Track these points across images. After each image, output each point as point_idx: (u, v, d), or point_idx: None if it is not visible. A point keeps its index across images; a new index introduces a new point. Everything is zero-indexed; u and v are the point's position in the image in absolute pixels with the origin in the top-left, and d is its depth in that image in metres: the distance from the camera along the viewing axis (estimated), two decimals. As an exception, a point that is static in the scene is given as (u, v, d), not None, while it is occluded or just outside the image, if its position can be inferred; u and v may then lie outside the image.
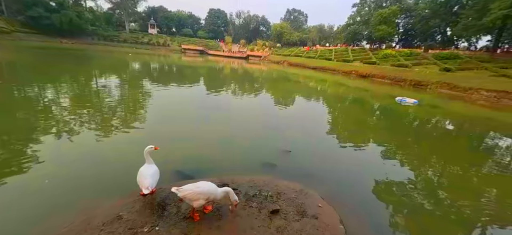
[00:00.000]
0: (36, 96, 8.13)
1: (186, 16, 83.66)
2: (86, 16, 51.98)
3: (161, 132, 5.97)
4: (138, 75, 16.61)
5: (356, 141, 6.87)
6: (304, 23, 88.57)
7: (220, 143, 5.60)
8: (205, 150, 5.03)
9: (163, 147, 4.01)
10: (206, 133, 6.14)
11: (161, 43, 63.10)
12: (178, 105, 9.08)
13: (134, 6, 66.65)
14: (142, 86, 12.21)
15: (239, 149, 5.40)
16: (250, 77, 24.09)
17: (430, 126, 10.44)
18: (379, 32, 43.68)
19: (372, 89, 21.18)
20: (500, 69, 22.48)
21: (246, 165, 4.59)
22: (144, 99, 9.32)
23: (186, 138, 5.65)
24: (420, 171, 5.21)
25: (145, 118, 6.93)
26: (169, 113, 7.72)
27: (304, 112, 10.70)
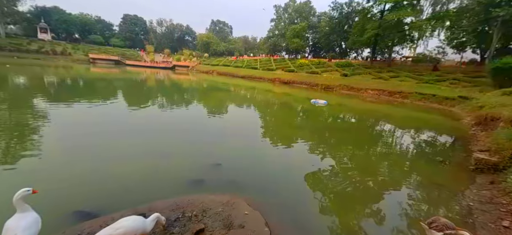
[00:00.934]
0: None
1: (93, 21, 71.59)
2: None
3: (53, 165, 4.76)
4: (22, 94, 12.91)
5: (282, 142, 7.64)
6: (230, 34, 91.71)
7: (137, 167, 4.82)
8: (116, 179, 4.29)
9: (56, 185, 3.36)
10: (120, 158, 5.28)
11: (59, 52, 51.41)
12: (83, 127, 7.49)
13: (12, 3, 51.48)
14: (30, 107, 9.56)
15: (162, 170, 4.75)
16: (179, 88, 22.86)
17: (339, 120, 12.83)
18: (294, 45, 50.99)
19: (293, 94, 24.06)
20: (377, 73, 30.06)
21: (170, 186, 4.13)
22: (33, 124, 7.33)
23: (91, 168, 4.63)
24: (336, 159, 6.34)
25: (35, 148, 5.45)
26: (69, 139, 6.26)
27: (235, 120, 11.04)
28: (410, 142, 8.95)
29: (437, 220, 2.83)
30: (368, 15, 35.32)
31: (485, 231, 3.21)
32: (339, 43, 53.08)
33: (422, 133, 10.45)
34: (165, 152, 5.72)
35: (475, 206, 3.86)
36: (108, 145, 5.91)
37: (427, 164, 6.32)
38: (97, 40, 66.16)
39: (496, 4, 22.14)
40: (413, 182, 5.21)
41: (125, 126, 7.83)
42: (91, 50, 57.50)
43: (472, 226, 3.37)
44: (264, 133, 8.61)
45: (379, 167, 6.03)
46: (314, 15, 59.38)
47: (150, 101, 13.42)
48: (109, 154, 5.38)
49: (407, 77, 26.92)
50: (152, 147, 5.97)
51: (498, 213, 3.52)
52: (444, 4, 31.23)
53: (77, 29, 66.51)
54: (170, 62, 61.46)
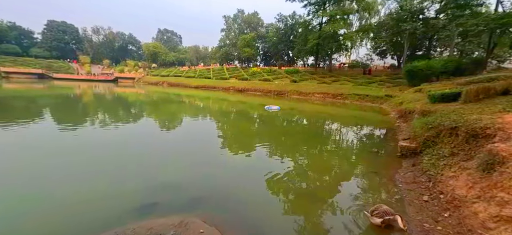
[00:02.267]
0: None
1: (6, 27, 59.12)
2: None
3: None
4: None
5: (239, 151, 7.68)
6: (179, 44, 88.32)
7: (73, 195, 4.16)
8: (48, 210, 3.68)
9: None
10: (50, 185, 4.52)
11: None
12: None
13: None
14: None
15: (103, 197, 4.15)
16: (123, 103, 20.64)
17: (292, 124, 13.63)
18: (245, 54, 52.67)
19: (248, 101, 24.53)
20: (321, 78, 33.30)
21: (114, 215, 3.61)
22: None
23: (17, 201, 3.89)
24: (292, 161, 6.67)
25: None
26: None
27: (189, 132, 10.60)
28: (353, 136, 10.16)
29: (379, 208, 3.26)
30: (309, 27, 39.22)
31: (412, 207, 3.86)
32: (287, 52, 56.99)
33: (361, 128, 11.99)
34: (107, 175, 5.04)
35: (403, 187, 4.61)
36: (34, 172, 4.87)
37: (366, 154, 7.26)
38: (11, 50, 54.59)
39: (403, 20, 27.48)
40: (357, 172, 5.91)
41: (55, 149, 6.60)
42: (3, 62, 47.20)
43: (401, 204, 4.01)
44: (220, 143, 8.48)
45: (330, 162, 6.64)
46: (262, 26, 62.50)
47: (87, 119, 11.69)
48: (35, 183, 4.42)
49: (346, 81, 30.61)
50: (90, 171, 5.19)
51: (419, 190, 4.29)
52: (367, 19, 37.08)
53: (-21, 37, 53.65)
54: (111, 74, 55.22)
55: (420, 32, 26.61)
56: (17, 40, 60.17)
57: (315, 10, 37.04)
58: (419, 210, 3.73)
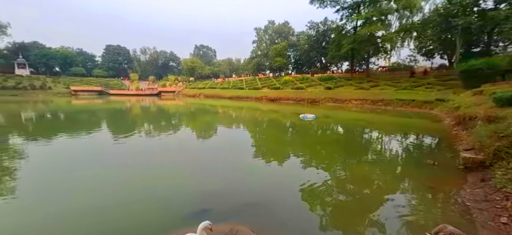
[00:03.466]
0: None
1: (75, 53, 70.64)
2: None
3: (37, 209, 4.47)
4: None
5: (277, 159, 7.56)
6: (214, 58, 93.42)
7: (127, 202, 4.50)
8: (105, 217, 3.98)
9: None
10: (107, 193, 4.96)
11: (39, 87, 49.71)
12: (66, 164, 7.10)
13: (-13, 42, 50.01)
14: (6, 147, 8.91)
15: (155, 204, 4.39)
16: (166, 114, 22.46)
17: (328, 132, 13.03)
18: (277, 63, 52.96)
19: (281, 110, 24.38)
20: (358, 84, 31.43)
21: (166, 221, 3.81)
22: (11, 164, 6.80)
23: (76, 208, 4.29)
24: (330, 172, 6.33)
25: (13, 191, 5.01)
26: (53, 179, 5.92)
27: (226, 141, 10.89)
28: (398, 146, 9.21)
29: (444, 229, 2.79)
30: (343, 32, 37.71)
31: (486, 230, 3.25)
32: (319, 59, 55.58)
33: (408, 137, 10.82)
34: (155, 184, 5.41)
35: (471, 206, 3.94)
36: (94, 180, 5.53)
37: (417, 167, 6.47)
38: (79, 72, 64.79)
39: (453, 15, 24.48)
40: (407, 187, 5.28)
41: (111, 158, 7.44)
42: (73, 82, 56.07)
43: (472, 226, 3.41)
44: (255, 152, 8.50)
45: (372, 174, 6.09)
46: (293, 35, 62.39)
47: (136, 130, 12.99)
48: (95, 190, 5.01)
49: (386, 86, 28.32)
50: (141, 179, 5.66)
51: (494, 210, 3.60)
52: (408, 17, 34.05)
53: (58, 62, 64.97)
54: (155, 89, 60.95)
55: (475, 26, 23.30)
56: (83, 63, 71.03)
57: (349, 14, 35.66)
58: (496, 234, 3.13)
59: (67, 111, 23.36)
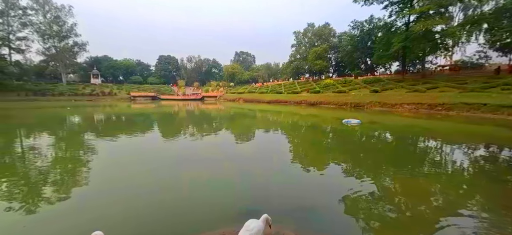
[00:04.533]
0: None
1: (134, 64, 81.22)
2: (10, 70, 45.61)
3: (106, 197, 5.19)
4: (77, 131, 14.66)
5: (316, 165, 7.31)
6: (253, 63, 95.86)
7: (177, 197, 4.95)
8: (163, 209, 4.42)
9: (104, 216, 3.53)
10: (164, 188, 5.51)
11: (107, 93, 58.72)
12: (126, 161, 8.13)
13: (73, 57, 61.67)
14: (81, 143, 10.72)
15: (202, 200, 4.73)
16: (208, 117, 23.92)
17: (374, 139, 11.99)
18: (317, 66, 51.26)
19: (321, 114, 23.46)
20: (411, 86, 28.12)
21: (213, 217, 4.05)
22: (85, 159, 8.15)
23: (137, 198, 4.89)
24: (377, 181, 5.81)
25: (86, 182, 5.96)
26: (116, 172, 6.84)
27: (267, 145, 10.99)
28: (465, 158, 7.88)
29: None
30: (392, 29, 34.38)
31: None
32: (363, 60, 51.84)
33: (478, 148, 9.18)
34: (203, 182, 5.80)
35: None
36: (152, 176, 6.22)
37: (491, 183, 5.43)
38: (137, 80, 74.36)
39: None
40: (476, 206, 4.47)
41: (163, 157, 8.29)
42: (132, 89, 64.50)
43: None
44: (296, 157, 8.37)
45: (429, 189, 5.35)
46: (334, 36, 59.71)
47: (183, 131, 14.19)
48: (153, 185, 5.62)
49: (447, 87, 24.65)
50: (190, 175, 6.15)
51: None
52: (476, 7, 29.04)
53: (122, 72, 75.83)
54: (199, 94, 65.63)
55: None
56: (140, 72, 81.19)
57: (400, 9, 32.40)
58: None
59: (127, 114, 26.95)
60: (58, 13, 57.19)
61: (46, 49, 57.80)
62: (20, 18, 53.21)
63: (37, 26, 55.34)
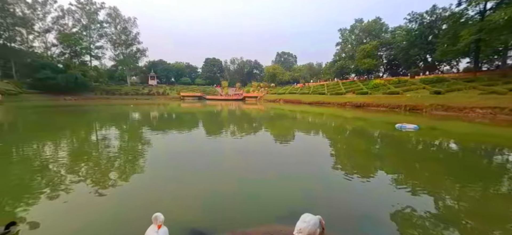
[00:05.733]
0: (33, 155, 8.00)
1: (184, 66, 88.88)
2: (90, 73, 55.39)
3: (160, 183, 5.76)
4: (137, 125, 16.80)
5: (363, 172, 6.72)
6: (294, 63, 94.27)
7: (224, 192, 5.16)
8: (216, 202, 4.70)
9: (163, 200, 3.83)
10: (208, 182, 5.80)
11: (161, 93, 65.79)
12: (177, 154, 8.92)
13: (135, 62, 71.49)
14: (141, 136, 12.20)
15: (247, 198, 4.90)
16: (248, 117, 24.51)
17: (435, 148, 10.39)
18: (365, 65, 47.10)
19: (369, 118, 21.54)
20: (486, 87, 23.45)
21: (258, 214, 4.17)
22: (143, 150, 9.24)
23: (187, 190, 5.31)
24: (437, 197, 5.01)
25: (142, 169, 6.72)
26: (168, 163, 7.57)
27: (307, 148, 10.65)
28: None
29: None
30: (461, 20, 29.30)
31: None
32: (422, 57, 45.47)
33: None
34: (245, 180, 5.98)
35: None
36: (207, 170, 6.67)
37: None
38: (186, 81, 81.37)
39: None
40: None
41: (209, 153, 8.84)
42: (182, 89, 70.76)
43: None
44: (337, 163, 7.87)
45: (508, 213, 4.35)
46: (387, 31, 54.10)
47: (224, 130, 14.87)
48: (208, 178, 6.03)
49: (542, 89, 19.73)
50: (236, 175, 6.38)
51: None
52: None
53: (173, 74, 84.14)
54: (241, 94, 67.82)
55: None
56: (189, 74, 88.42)
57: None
58: None
59: (177, 112, 29.68)
60: (125, 25, 66.91)
61: (115, 56, 68.38)
62: (98, 30, 64.46)
63: (110, 36, 66.00)
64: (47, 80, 45.34)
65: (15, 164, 7.08)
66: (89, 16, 61.49)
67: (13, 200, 4.58)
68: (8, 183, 5.53)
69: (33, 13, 53.02)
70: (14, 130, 14.71)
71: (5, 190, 5.06)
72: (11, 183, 5.50)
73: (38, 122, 18.33)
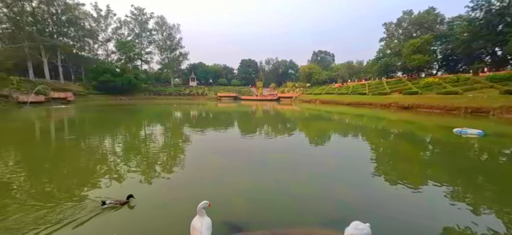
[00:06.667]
0: (95, 146, 9.33)
1: (221, 68, 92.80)
2: (141, 76, 62.45)
3: (199, 178, 6.08)
4: (179, 123, 18.17)
5: (412, 181, 6.01)
6: (332, 62, 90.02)
7: (262, 190, 5.27)
8: (247, 198, 4.83)
9: (205, 194, 4.05)
10: (246, 180, 5.97)
11: (200, 93, 69.96)
12: (214, 151, 9.34)
13: (178, 65, 78.06)
14: (184, 133, 13.16)
15: (284, 198, 4.87)
16: (283, 118, 24.29)
17: (505, 159, 8.74)
18: (414, 62, 42.04)
19: (418, 121, 19.28)
20: None
21: (297, 215, 4.11)
22: (184, 145, 9.95)
23: (224, 185, 5.50)
24: (506, 220, 4.21)
25: (183, 164, 7.23)
26: (207, 159, 7.99)
27: (345, 152, 10.06)
28: None
29: None
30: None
31: None
32: (489, 50, 38.66)
33: None
34: (283, 180, 5.93)
35: None
36: (244, 168, 6.92)
37: None
38: (222, 82, 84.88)
39: None
40: None
41: (246, 151, 9.07)
42: (219, 90, 74.07)
43: None
44: (383, 168, 7.22)
45: None
46: (442, 23, 47.57)
47: (258, 129, 15.03)
48: (246, 175, 6.27)
49: None
50: (272, 175, 6.40)
51: None
52: None
53: (211, 75, 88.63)
54: (275, 95, 67.66)
55: None
56: (225, 75, 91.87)
57: None
58: None
59: (214, 111, 31.13)
60: (170, 31, 73.18)
61: (161, 60, 75.37)
62: (148, 38, 71.97)
63: (157, 42, 72.97)
64: (108, 83, 52.62)
65: (94, 151, 8.37)
66: (141, 25, 69.22)
67: (97, 179, 5.41)
68: (91, 165, 6.57)
69: (98, 25, 62.29)
70: (94, 124, 17.39)
71: (96, 171, 6.02)
72: (94, 167, 6.52)
73: (108, 118, 21.37)
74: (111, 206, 4.13)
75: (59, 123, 17.43)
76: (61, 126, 16.07)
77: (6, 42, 42.90)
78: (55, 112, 24.35)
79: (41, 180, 5.71)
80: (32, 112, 23.62)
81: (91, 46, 62.42)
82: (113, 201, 4.18)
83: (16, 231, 3.44)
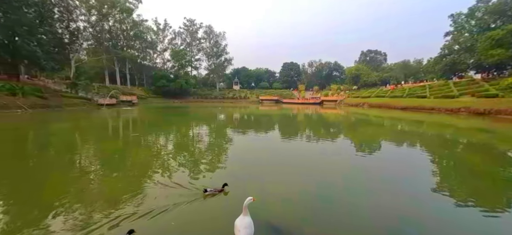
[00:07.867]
0: (152, 143, 10.61)
1: (263, 71, 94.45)
2: (191, 81, 68.89)
3: (243, 180, 6.17)
4: (224, 125, 19.18)
5: (487, 201, 5.03)
6: (383, 62, 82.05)
7: (307, 196, 5.08)
8: (303, 203, 4.71)
9: (245, 194, 4.22)
10: (291, 183, 5.87)
11: (243, 96, 72.68)
12: (257, 153, 9.53)
13: (223, 70, 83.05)
14: (229, 135, 13.84)
15: (331, 205, 4.66)
16: (326, 122, 23.21)
17: None
18: (493, 58, 34.77)
19: (498, 129, 15.94)
20: None
21: (348, 227, 3.86)
22: (229, 146, 10.43)
23: (269, 188, 5.49)
24: None
25: (226, 165, 7.54)
26: (250, 161, 8.20)
27: (404, 161, 9.01)
28: None
29: None
30: None
31: None
32: None
33: None
34: (330, 187, 5.72)
35: None
36: (291, 172, 6.85)
37: None
38: (264, 85, 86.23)
39: None
40: None
41: (287, 156, 9.05)
42: (261, 93, 75.54)
43: None
44: (446, 183, 6.22)
45: None
46: (536, 8, 38.33)
47: (299, 133, 14.69)
48: (292, 179, 6.22)
49: None
50: (318, 181, 6.26)
51: None
52: None
53: (253, 79, 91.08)
54: (318, 98, 65.24)
55: None
56: (267, 79, 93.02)
57: None
58: None
59: (256, 114, 31.80)
60: (217, 39, 78.35)
61: (208, 66, 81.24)
62: (197, 46, 78.59)
63: (205, 50, 78.97)
64: (163, 87, 59.80)
65: (159, 147, 9.62)
66: (192, 35, 76.40)
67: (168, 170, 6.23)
68: (154, 160, 7.59)
69: (157, 38, 71.30)
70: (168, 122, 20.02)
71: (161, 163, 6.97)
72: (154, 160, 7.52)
73: (170, 119, 24.20)
74: (211, 194, 4.78)
75: (137, 122, 20.45)
76: (145, 121, 18.83)
77: (90, 55, 53.63)
78: (128, 113, 28.74)
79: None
80: (108, 112, 28.39)
81: (151, 55, 72.27)
82: (212, 189, 4.85)
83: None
